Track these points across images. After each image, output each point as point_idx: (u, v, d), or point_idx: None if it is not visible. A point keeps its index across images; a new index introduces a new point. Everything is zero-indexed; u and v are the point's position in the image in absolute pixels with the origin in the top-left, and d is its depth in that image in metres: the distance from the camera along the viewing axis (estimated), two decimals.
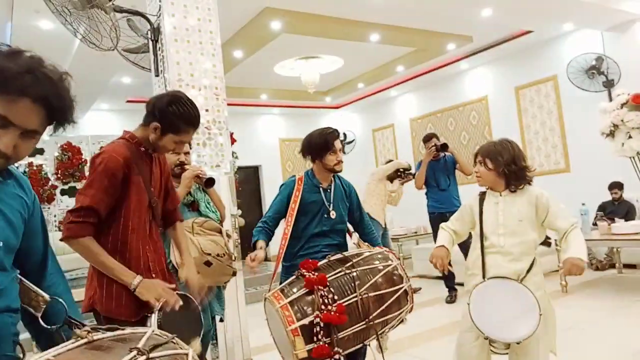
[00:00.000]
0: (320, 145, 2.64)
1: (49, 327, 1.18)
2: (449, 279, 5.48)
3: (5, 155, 1.06)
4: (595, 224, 5.58)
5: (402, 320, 2.29)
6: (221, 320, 3.04)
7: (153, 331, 1.05)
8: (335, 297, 2.08)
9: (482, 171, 2.36)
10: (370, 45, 6.97)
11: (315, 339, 2.01)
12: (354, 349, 2.15)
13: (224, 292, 2.98)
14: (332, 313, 2.03)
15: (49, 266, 1.31)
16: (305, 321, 2.03)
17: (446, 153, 5.40)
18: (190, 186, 2.75)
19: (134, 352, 0.92)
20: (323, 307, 2.04)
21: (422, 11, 5.79)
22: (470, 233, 2.58)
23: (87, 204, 1.72)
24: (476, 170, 2.40)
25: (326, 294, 2.07)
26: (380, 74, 8.59)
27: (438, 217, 5.16)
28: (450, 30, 6.71)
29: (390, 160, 6.27)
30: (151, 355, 0.93)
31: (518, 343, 2.17)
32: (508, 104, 7.79)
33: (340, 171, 2.69)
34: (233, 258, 2.65)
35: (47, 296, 1.22)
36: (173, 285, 1.85)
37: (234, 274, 2.69)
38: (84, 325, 1.05)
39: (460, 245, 4.92)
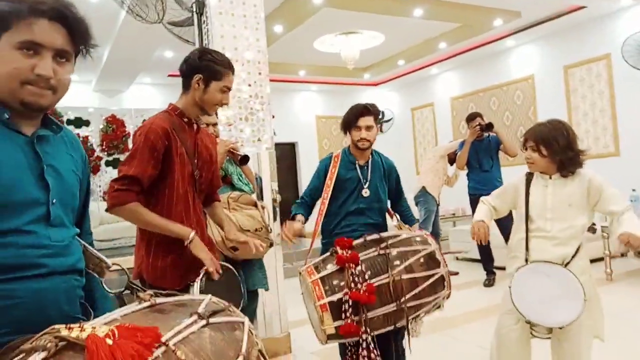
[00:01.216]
0: (347, 119, 2.63)
1: (111, 292, 1.22)
2: (487, 262, 5.39)
3: (50, 85, 1.06)
4: None
5: (438, 306, 2.26)
6: (266, 289, 3.07)
7: (210, 299, 1.07)
8: (367, 277, 2.07)
9: (536, 158, 2.24)
10: (412, 21, 6.78)
11: (343, 316, 2.02)
12: (384, 330, 2.13)
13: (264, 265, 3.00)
14: (362, 292, 2.02)
15: (84, 226, 1.33)
16: (334, 298, 2.04)
17: (490, 133, 5.24)
18: (222, 161, 2.74)
19: (195, 317, 0.94)
20: (353, 285, 2.04)
21: None
22: (511, 213, 2.51)
23: (130, 173, 1.75)
24: (527, 157, 2.28)
25: (357, 272, 2.07)
26: (422, 51, 8.38)
27: (479, 199, 5.04)
28: (497, 5, 6.44)
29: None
30: (210, 320, 0.95)
31: (560, 328, 2.12)
32: (556, 83, 7.47)
33: (364, 148, 2.62)
34: (270, 230, 2.66)
35: (109, 262, 1.25)
36: (222, 264, 1.88)
37: (271, 244, 2.69)
38: (144, 291, 1.07)
39: (500, 229, 4.82)
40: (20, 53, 1.03)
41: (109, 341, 0.76)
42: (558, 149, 2.18)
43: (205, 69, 1.87)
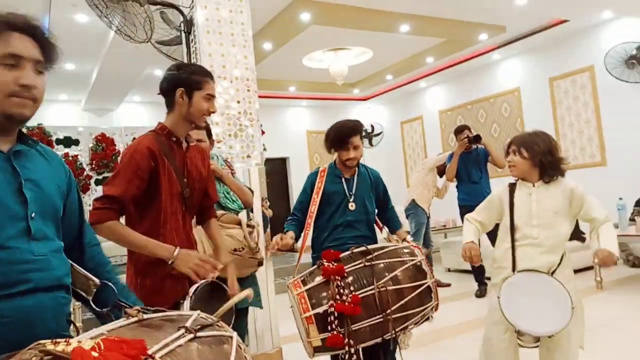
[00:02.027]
0: (334, 139, 2.64)
1: (100, 310, 1.21)
2: (478, 273, 5.41)
3: (33, 95, 1.09)
4: (632, 220, 5.41)
5: (427, 318, 2.26)
6: (260, 307, 3.03)
7: (199, 314, 1.08)
8: (352, 288, 2.07)
9: (517, 160, 2.30)
10: (399, 36, 6.88)
11: (329, 328, 2.02)
12: (372, 342, 2.12)
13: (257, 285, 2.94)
14: (347, 303, 2.02)
15: (87, 239, 1.33)
16: (320, 310, 2.05)
17: (478, 145, 5.30)
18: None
19: (182, 331, 0.95)
20: (338, 296, 2.04)
21: (454, 0, 5.68)
22: (497, 224, 2.54)
23: (111, 193, 1.75)
24: (509, 160, 2.34)
25: (343, 284, 2.07)
26: (410, 66, 8.49)
27: (469, 210, 5.05)
28: (482, 20, 6.57)
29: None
30: (198, 334, 0.96)
31: (550, 337, 2.14)
32: (541, 95, 7.59)
33: (352, 166, 2.66)
34: (256, 249, 2.60)
35: (97, 280, 1.25)
36: (208, 258, 1.85)
37: (260, 264, 2.66)
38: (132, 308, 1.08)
39: (490, 237, 4.85)
40: (2, 67, 1.05)
41: (95, 354, 0.77)
42: (538, 151, 2.24)
43: (185, 81, 1.87)
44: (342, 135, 2.61)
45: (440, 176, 6.01)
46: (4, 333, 1.00)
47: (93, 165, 7.86)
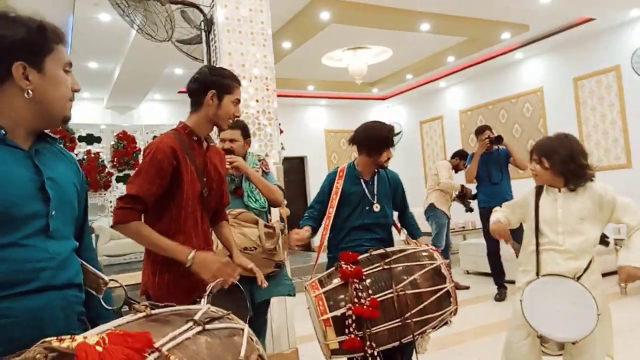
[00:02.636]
0: (381, 140, 2.59)
1: (109, 308, 1.21)
2: (498, 276, 5.33)
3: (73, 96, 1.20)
4: None
5: (445, 322, 2.23)
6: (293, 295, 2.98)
7: (209, 307, 1.07)
8: (370, 292, 2.05)
9: (539, 170, 2.24)
10: (420, 35, 6.81)
11: (347, 331, 2.00)
12: (390, 346, 2.10)
13: (283, 276, 2.90)
14: (365, 307, 2.00)
15: (85, 242, 1.33)
16: (337, 313, 2.03)
17: (500, 146, 5.21)
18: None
19: (190, 323, 0.94)
20: (356, 300, 2.02)
21: None
22: (522, 227, 2.49)
23: (133, 192, 1.76)
24: (532, 169, 2.28)
25: (361, 287, 2.05)
26: (430, 65, 8.40)
27: (489, 212, 4.95)
28: (505, 18, 6.46)
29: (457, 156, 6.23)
30: (207, 326, 0.95)
31: (574, 343, 2.08)
32: (565, 95, 7.43)
33: (382, 168, 2.67)
34: (274, 250, 2.57)
35: (107, 278, 1.25)
36: (228, 260, 1.85)
37: (277, 266, 2.62)
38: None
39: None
40: (65, 74, 1.16)
41: (99, 348, 0.76)
42: (558, 160, 2.16)
43: (217, 84, 1.91)
44: (382, 145, 2.59)
45: (456, 171, 6.05)
46: (14, 333, 1.00)
47: (114, 163, 7.98)
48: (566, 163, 2.16)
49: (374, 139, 2.60)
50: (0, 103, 1.10)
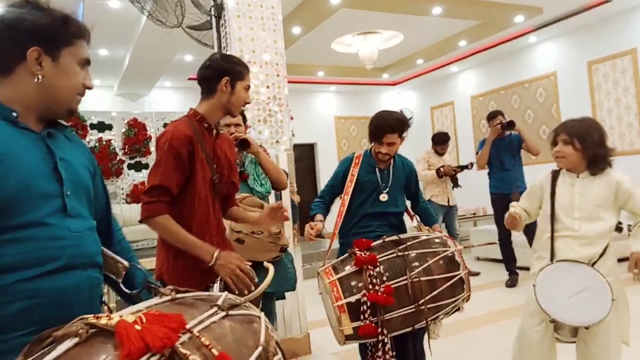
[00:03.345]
0: (372, 132, 2.59)
1: (129, 292, 1.24)
2: (509, 262, 5.32)
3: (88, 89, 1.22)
4: None
5: (458, 308, 2.24)
6: (279, 298, 3.03)
7: (227, 295, 1.10)
8: (385, 278, 2.06)
9: (569, 152, 2.18)
10: (431, 19, 6.72)
11: (361, 317, 2.02)
12: (402, 331, 2.12)
13: (286, 269, 2.93)
14: (380, 293, 2.01)
15: (114, 223, 1.38)
16: (352, 299, 2.04)
17: (512, 131, 5.16)
18: None
19: (215, 308, 0.99)
20: (371, 286, 2.03)
21: None
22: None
23: (157, 182, 1.77)
24: (558, 150, 2.21)
25: (375, 274, 2.06)
26: (441, 49, 8.30)
27: (500, 198, 4.98)
28: (519, 1, 6.34)
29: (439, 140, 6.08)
30: (229, 312, 1.00)
31: (587, 328, 2.08)
32: (579, 80, 7.32)
33: (384, 160, 2.61)
34: (279, 234, 2.58)
35: (126, 263, 1.28)
36: (248, 268, 1.84)
37: (282, 250, 2.64)
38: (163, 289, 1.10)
39: (524, 229, 4.75)
40: (79, 68, 1.18)
41: (137, 327, 0.79)
42: (592, 143, 2.13)
43: (231, 70, 1.92)
44: (380, 130, 2.55)
45: (440, 176, 5.83)
46: (42, 313, 1.03)
47: (126, 150, 8.03)
48: (597, 147, 2.14)
49: (375, 127, 2.57)
50: (12, 86, 1.12)
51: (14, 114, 1.10)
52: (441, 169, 5.72)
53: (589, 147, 2.14)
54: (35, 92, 1.12)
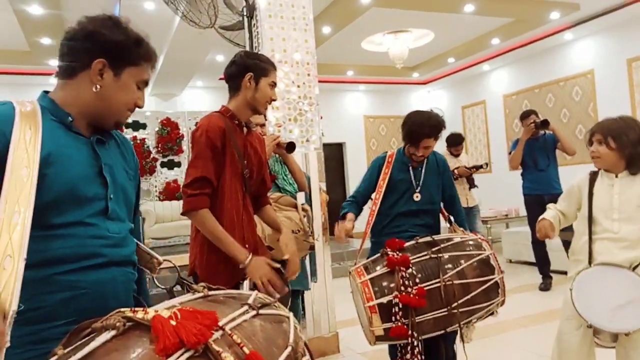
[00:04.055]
0: (409, 135, 2.54)
1: (163, 287, 1.28)
2: (543, 266, 5.19)
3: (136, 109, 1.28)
4: None
5: (492, 312, 2.20)
6: (301, 291, 3.05)
7: (257, 294, 1.12)
8: (417, 280, 2.03)
9: (603, 151, 2.12)
10: (463, 17, 6.61)
11: (393, 318, 2.00)
12: (434, 334, 2.10)
13: (306, 266, 2.98)
14: (412, 295, 1.99)
15: (135, 227, 1.40)
16: (384, 300, 2.03)
17: (546, 131, 5.03)
18: (270, 154, 2.72)
19: (246, 307, 1.00)
20: (403, 288, 2.01)
21: None
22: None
23: (199, 174, 1.81)
24: (593, 150, 2.15)
25: (407, 275, 2.04)
26: (473, 48, 8.15)
27: (534, 199, 4.87)
28: None
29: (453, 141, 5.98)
30: (260, 311, 1.01)
31: (627, 334, 2.00)
32: (618, 77, 7.06)
33: (418, 162, 2.58)
34: (309, 233, 2.64)
35: (161, 259, 1.32)
36: (277, 265, 1.88)
37: (312, 248, 2.68)
38: (195, 286, 1.13)
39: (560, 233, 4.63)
40: (136, 87, 1.24)
41: (172, 322, 0.81)
42: (628, 142, 2.06)
43: (254, 67, 1.94)
44: (417, 135, 2.50)
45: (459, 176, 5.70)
46: (81, 303, 1.09)
47: (159, 148, 8.21)
48: (635, 145, 2.06)
49: (413, 131, 2.51)
50: (72, 90, 1.19)
51: (70, 119, 1.16)
52: (455, 170, 5.62)
53: (624, 146, 2.06)
54: (90, 100, 1.18)
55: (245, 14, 3.63)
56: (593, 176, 2.22)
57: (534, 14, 6.72)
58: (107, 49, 1.16)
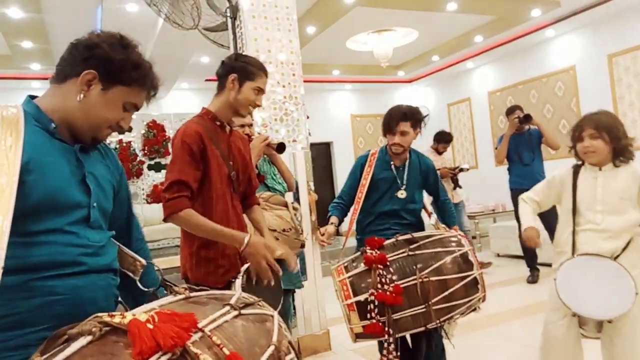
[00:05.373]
0: (384, 123, 2.60)
1: (146, 289, 1.27)
2: (530, 259, 5.26)
3: (120, 131, 1.26)
4: None
5: (474, 308, 2.21)
6: (293, 290, 3.06)
7: (240, 294, 1.11)
8: (394, 278, 2.04)
9: (599, 145, 2.14)
10: (446, 15, 6.67)
11: (368, 316, 2.01)
12: (415, 331, 2.11)
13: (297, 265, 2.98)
14: (388, 293, 2.00)
15: (133, 233, 1.42)
16: (361, 298, 2.04)
17: (531, 126, 5.09)
18: (260, 155, 2.73)
19: (227, 307, 0.99)
20: (379, 286, 2.02)
21: None
22: (555, 210, 2.44)
23: (175, 178, 1.80)
24: (587, 146, 2.16)
25: (384, 273, 2.05)
26: (457, 45, 8.23)
27: (520, 193, 4.91)
28: None
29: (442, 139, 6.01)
30: (242, 311, 1.00)
31: (610, 322, 2.06)
32: (599, 73, 7.18)
33: (397, 153, 2.59)
34: (300, 231, 2.65)
35: (144, 261, 1.32)
36: (280, 252, 1.86)
37: (302, 246, 2.69)
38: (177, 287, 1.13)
39: (545, 224, 4.69)
40: (122, 109, 1.22)
41: (150, 326, 0.81)
42: (619, 135, 2.12)
43: (240, 69, 1.94)
44: (391, 119, 2.55)
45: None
46: (58, 309, 1.07)
47: (145, 151, 8.15)
48: (623, 138, 2.13)
49: (386, 118, 2.59)
50: (59, 95, 1.18)
51: (53, 125, 1.15)
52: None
53: (617, 139, 2.12)
54: (73, 109, 1.17)
55: (228, 14, 3.62)
56: (576, 169, 2.26)
57: (516, 12, 6.80)
58: (103, 63, 1.16)
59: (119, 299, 1.25)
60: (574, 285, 2.08)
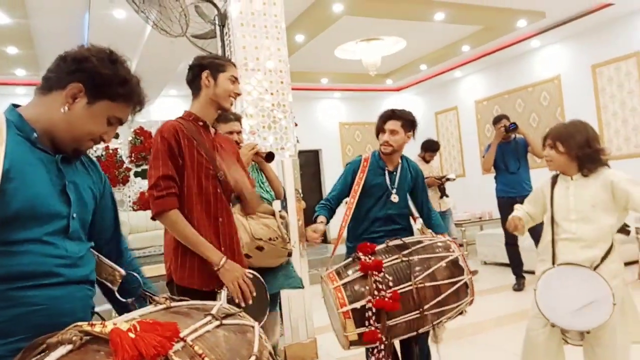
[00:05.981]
0: (378, 124, 2.66)
1: (124, 299, 1.26)
2: (516, 266, 5.30)
3: (99, 143, 1.25)
4: None
5: (461, 312, 2.22)
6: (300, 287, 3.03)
7: (222, 304, 1.11)
8: (391, 284, 2.04)
9: (553, 155, 2.22)
10: (434, 25, 6.75)
11: (367, 323, 2.00)
12: (407, 336, 2.11)
13: (291, 269, 2.94)
14: (386, 299, 1.99)
15: (123, 244, 1.40)
16: (357, 305, 2.01)
17: (517, 135, 5.16)
18: (249, 163, 2.71)
19: (209, 317, 0.99)
20: (376, 292, 2.01)
21: None
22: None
23: (160, 173, 1.80)
24: (546, 155, 2.26)
25: (381, 279, 2.04)
26: (445, 55, 8.32)
27: (507, 201, 4.96)
28: (521, 5, 6.36)
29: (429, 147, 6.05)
30: (224, 322, 1.00)
31: (588, 332, 2.07)
32: (583, 83, 7.31)
33: (386, 152, 2.61)
34: (287, 240, 2.63)
35: (122, 271, 1.30)
36: (249, 273, 1.89)
37: (289, 254, 2.68)
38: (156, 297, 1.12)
39: (530, 232, 4.73)
40: (106, 122, 1.22)
41: (131, 335, 0.80)
42: (574, 145, 2.15)
43: (209, 64, 1.97)
44: (382, 118, 2.61)
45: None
46: (34, 321, 1.06)
47: (132, 158, 8.09)
48: (582, 147, 2.14)
49: (378, 118, 2.65)
50: (43, 106, 1.17)
51: (35, 135, 1.14)
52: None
53: (571, 148, 2.15)
54: (56, 120, 1.16)
55: (217, 22, 3.63)
56: (554, 179, 2.30)
57: (502, 22, 6.91)
58: (90, 77, 1.16)
59: (95, 309, 1.24)
60: (554, 295, 2.10)
